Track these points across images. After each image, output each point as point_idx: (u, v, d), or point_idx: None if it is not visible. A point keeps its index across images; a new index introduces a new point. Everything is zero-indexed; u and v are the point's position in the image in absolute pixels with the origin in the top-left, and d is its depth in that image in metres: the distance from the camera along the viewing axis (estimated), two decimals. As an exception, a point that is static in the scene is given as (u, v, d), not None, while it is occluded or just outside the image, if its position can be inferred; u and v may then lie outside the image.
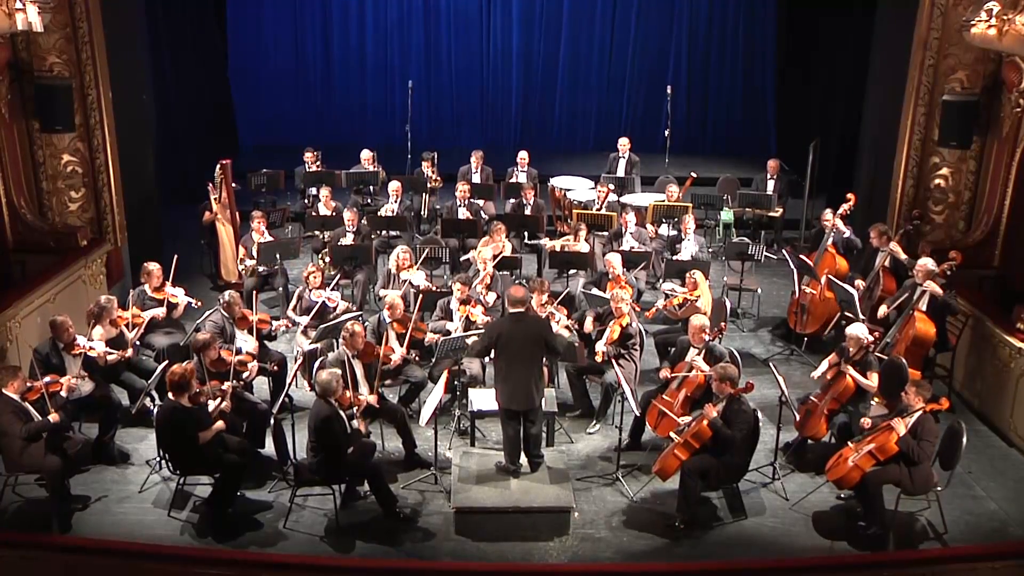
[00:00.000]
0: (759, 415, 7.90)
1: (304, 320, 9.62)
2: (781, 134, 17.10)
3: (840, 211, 11.03)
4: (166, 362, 8.52)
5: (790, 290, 11.42)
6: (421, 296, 9.61)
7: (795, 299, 10.88)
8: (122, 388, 8.80)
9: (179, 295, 9.74)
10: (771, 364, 9.50)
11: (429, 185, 13.33)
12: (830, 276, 10.39)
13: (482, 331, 8.05)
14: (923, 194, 10.82)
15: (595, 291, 9.93)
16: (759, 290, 11.83)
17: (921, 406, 7.33)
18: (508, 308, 7.70)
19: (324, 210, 12.39)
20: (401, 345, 8.91)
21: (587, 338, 9.37)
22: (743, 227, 13.66)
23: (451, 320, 9.45)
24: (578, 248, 11.12)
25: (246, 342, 8.87)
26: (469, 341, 8.41)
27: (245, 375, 8.55)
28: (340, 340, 8.44)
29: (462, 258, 11.56)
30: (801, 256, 10.97)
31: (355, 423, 7.83)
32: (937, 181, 10.68)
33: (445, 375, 8.10)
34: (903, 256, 10.09)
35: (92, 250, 10.63)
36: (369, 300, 11.31)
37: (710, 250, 12.54)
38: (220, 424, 7.68)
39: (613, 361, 8.68)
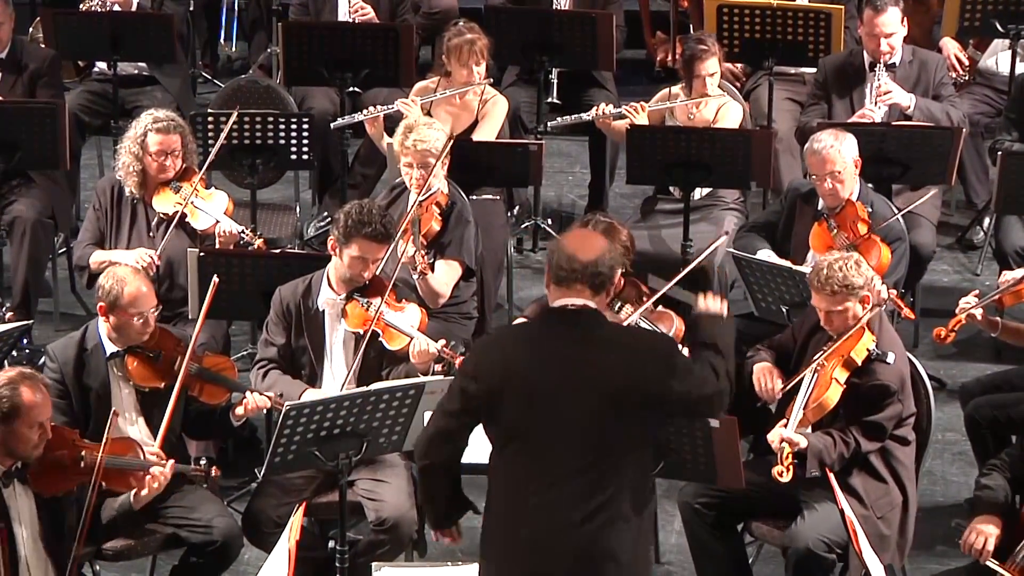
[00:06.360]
0: None
1: None
2: None
3: None
4: None
5: None
6: (216, 282, 7.55)
7: None
8: None
9: None
10: None
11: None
12: None
13: (440, 378, 6.96)
14: None
15: (770, 255, 8.41)
16: None
17: None
18: (552, 291, 5.80)
19: None
20: (153, 434, 7.25)
21: (747, 403, 7.44)
22: None
23: (320, 346, 7.85)
24: (706, 114, 9.10)
25: None
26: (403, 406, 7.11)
27: None
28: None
29: (354, 152, 9.80)
30: None
31: None
32: None
33: (296, 519, 6.51)
34: None
35: None
36: (51, 285, 9.96)
37: None
38: None
39: (833, 479, 7.08)
